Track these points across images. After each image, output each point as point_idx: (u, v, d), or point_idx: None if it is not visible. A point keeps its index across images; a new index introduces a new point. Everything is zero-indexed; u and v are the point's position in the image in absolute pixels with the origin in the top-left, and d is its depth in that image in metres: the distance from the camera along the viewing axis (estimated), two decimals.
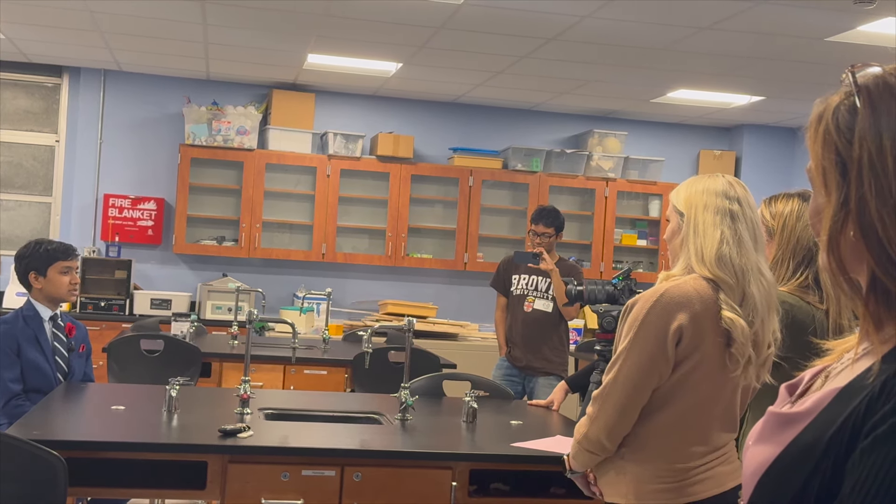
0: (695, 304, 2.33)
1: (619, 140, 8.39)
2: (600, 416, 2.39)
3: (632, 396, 2.35)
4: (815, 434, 1.00)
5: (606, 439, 2.39)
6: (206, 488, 3.05)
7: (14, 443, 2.73)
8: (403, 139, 7.93)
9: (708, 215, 2.41)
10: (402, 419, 3.62)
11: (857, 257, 1.01)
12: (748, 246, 2.40)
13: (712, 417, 2.39)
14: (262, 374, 5.41)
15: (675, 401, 2.36)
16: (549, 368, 5.60)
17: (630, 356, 2.35)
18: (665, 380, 2.35)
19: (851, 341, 1.08)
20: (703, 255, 2.38)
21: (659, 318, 2.32)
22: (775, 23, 5.17)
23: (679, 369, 2.34)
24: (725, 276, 2.36)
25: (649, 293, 2.38)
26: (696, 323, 2.32)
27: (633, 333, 2.35)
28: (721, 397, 2.39)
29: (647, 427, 2.39)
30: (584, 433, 2.44)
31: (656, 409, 2.37)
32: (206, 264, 7.97)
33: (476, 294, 8.22)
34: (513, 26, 5.58)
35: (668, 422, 2.37)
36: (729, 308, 2.33)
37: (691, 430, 2.38)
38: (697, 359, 2.33)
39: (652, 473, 2.37)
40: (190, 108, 7.63)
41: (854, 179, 1.00)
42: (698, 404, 2.37)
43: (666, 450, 2.38)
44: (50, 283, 4.17)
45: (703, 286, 2.35)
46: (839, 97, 1.05)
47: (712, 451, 2.40)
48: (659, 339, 2.32)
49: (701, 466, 2.37)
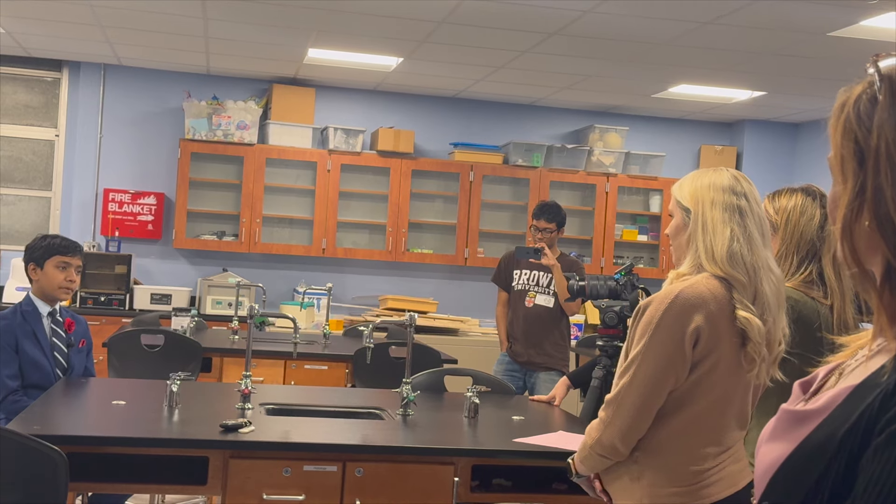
0: (710, 305, 2.28)
1: (620, 135, 8.38)
2: (615, 420, 2.33)
3: (648, 400, 2.30)
4: (828, 431, 0.99)
5: (621, 443, 2.34)
6: (207, 484, 3.05)
7: (14, 438, 2.72)
8: (404, 134, 7.91)
9: (716, 212, 2.35)
10: (403, 414, 3.61)
11: (872, 247, 1.00)
12: (757, 242, 2.35)
13: (727, 417, 2.36)
14: (262, 369, 5.40)
15: (691, 403, 2.32)
16: (550, 364, 5.59)
17: (646, 359, 2.29)
18: (681, 382, 2.30)
19: (865, 337, 1.07)
20: (713, 253, 2.33)
21: (675, 320, 2.27)
22: (777, 18, 5.16)
23: (695, 371, 2.30)
24: (738, 275, 2.31)
25: (662, 295, 2.32)
26: (712, 324, 2.28)
27: (649, 336, 2.29)
28: (735, 397, 2.36)
29: (662, 430, 2.34)
30: (596, 438, 2.38)
31: (672, 412, 2.33)
32: (206, 259, 7.96)
33: (477, 289, 8.21)
34: (514, 21, 5.57)
35: (684, 424, 2.33)
36: (743, 307, 2.29)
37: (707, 431, 2.34)
38: (714, 360, 2.29)
39: (667, 477, 2.33)
40: (190, 102, 7.61)
41: (871, 168, 0.99)
42: (714, 405, 2.33)
43: (681, 452, 2.33)
44: (45, 276, 4.09)
45: (716, 285, 2.31)
46: (862, 87, 1.04)
47: (724, 451, 2.37)
48: (676, 342, 2.27)
49: (715, 467, 2.34)
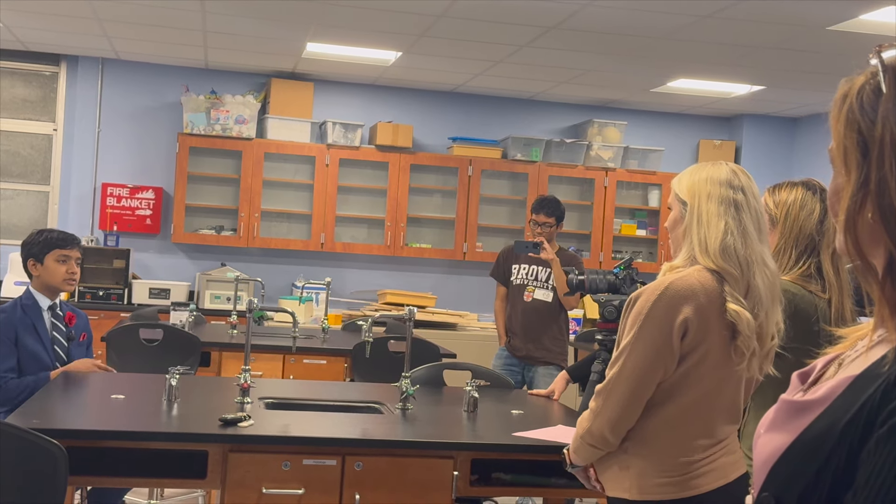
0: (700, 297, 2.29)
1: (619, 130, 8.37)
2: (604, 410, 2.36)
3: (636, 390, 2.32)
4: (828, 422, 0.99)
5: (610, 433, 2.36)
6: (206, 478, 3.05)
7: (14, 432, 2.71)
8: (403, 128, 7.90)
9: (712, 205, 2.37)
10: (402, 408, 3.61)
11: (875, 239, 0.99)
12: (752, 237, 2.36)
13: (717, 410, 2.37)
14: (261, 363, 5.41)
15: (679, 394, 2.34)
16: (549, 358, 5.59)
17: (635, 350, 2.31)
18: (670, 373, 2.32)
19: (865, 328, 1.06)
20: (707, 246, 2.34)
21: (664, 311, 2.29)
22: (776, 11, 5.15)
23: (684, 362, 2.32)
24: (730, 268, 2.32)
25: (653, 286, 2.34)
26: (702, 315, 2.29)
27: (638, 327, 2.31)
28: (725, 390, 2.37)
29: (651, 421, 2.36)
30: (587, 428, 2.41)
31: (661, 403, 2.35)
32: (204, 254, 7.95)
33: (475, 284, 8.21)
34: (512, 15, 5.56)
35: (673, 415, 2.35)
36: (734, 300, 2.30)
37: (696, 423, 2.36)
38: (703, 352, 2.31)
39: (656, 467, 2.35)
40: (188, 96, 7.60)
41: (875, 160, 0.98)
42: (703, 397, 2.34)
43: (670, 443, 2.35)
44: (46, 271, 4.11)
45: (708, 278, 2.32)
46: (865, 77, 1.03)
47: (716, 444, 2.38)
48: (664, 333, 2.29)
49: (704, 459, 2.35)
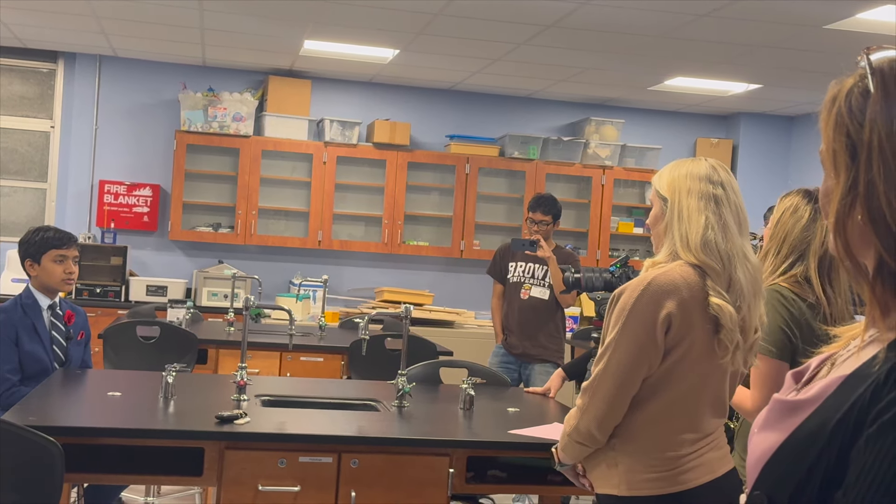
0: (682, 291, 2.31)
1: (616, 128, 8.37)
2: (590, 407, 2.37)
3: (622, 387, 2.33)
4: (820, 421, 1.00)
5: (597, 430, 2.37)
6: (202, 475, 3.05)
7: (10, 429, 2.72)
8: (400, 126, 7.90)
9: (692, 200, 2.38)
10: (399, 406, 3.62)
11: (865, 241, 1.00)
12: (733, 231, 2.38)
13: (702, 404, 2.39)
14: (258, 360, 5.41)
15: (664, 389, 2.35)
16: (546, 356, 5.60)
17: (619, 346, 2.33)
18: (655, 368, 2.34)
19: (858, 328, 1.07)
20: (688, 240, 2.36)
21: (647, 306, 2.31)
22: (773, 10, 5.15)
23: (668, 357, 2.33)
24: (711, 262, 2.34)
25: (636, 282, 2.36)
26: (685, 310, 2.31)
27: (622, 323, 2.33)
28: (710, 384, 2.39)
29: (637, 417, 2.37)
30: (574, 425, 2.42)
31: (646, 399, 2.36)
32: (201, 251, 7.95)
33: (472, 281, 8.22)
34: (510, 13, 5.56)
35: (659, 411, 2.36)
36: (716, 294, 2.32)
37: (682, 418, 2.37)
38: (686, 346, 2.32)
39: (644, 463, 2.36)
40: (186, 94, 7.60)
41: (864, 162, 0.99)
42: (688, 392, 2.36)
43: (657, 439, 2.36)
44: (44, 271, 4.10)
45: (690, 273, 2.34)
46: (853, 79, 1.04)
47: (702, 438, 2.39)
48: (648, 328, 2.30)
49: (692, 454, 2.36)
